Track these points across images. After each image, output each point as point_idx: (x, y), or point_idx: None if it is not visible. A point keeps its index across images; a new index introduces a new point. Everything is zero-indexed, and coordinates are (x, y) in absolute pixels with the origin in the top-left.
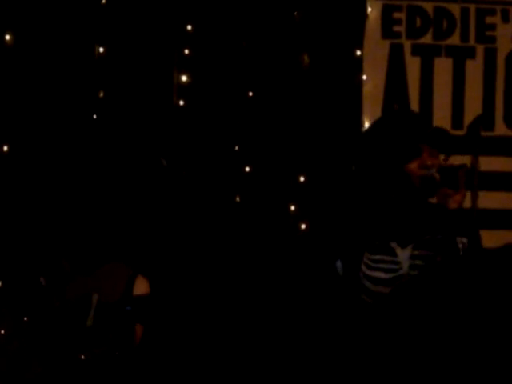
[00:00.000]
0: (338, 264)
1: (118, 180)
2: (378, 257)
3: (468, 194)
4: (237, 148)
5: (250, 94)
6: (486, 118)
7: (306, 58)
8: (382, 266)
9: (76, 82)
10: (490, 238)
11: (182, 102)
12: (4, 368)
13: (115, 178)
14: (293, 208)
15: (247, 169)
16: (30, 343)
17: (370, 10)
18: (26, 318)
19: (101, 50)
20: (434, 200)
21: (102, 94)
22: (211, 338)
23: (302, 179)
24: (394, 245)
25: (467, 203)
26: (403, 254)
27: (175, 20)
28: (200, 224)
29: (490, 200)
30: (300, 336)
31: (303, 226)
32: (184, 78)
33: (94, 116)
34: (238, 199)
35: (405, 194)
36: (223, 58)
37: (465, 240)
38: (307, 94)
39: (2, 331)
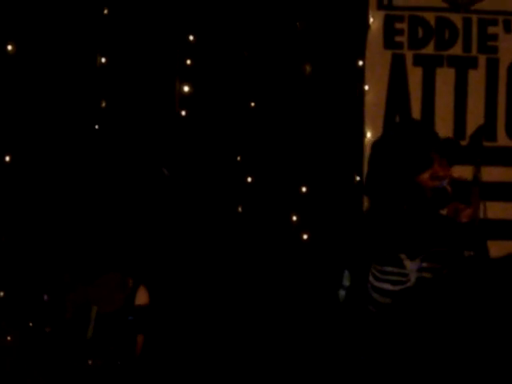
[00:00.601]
0: (346, 274)
1: (119, 190)
2: (386, 268)
3: None
4: (239, 158)
5: (252, 104)
6: (488, 129)
7: (308, 67)
8: (389, 277)
9: (78, 92)
10: (492, 248)
11: (184, 112)
12: (6, 379)
13: (117, 188)
14: (295, 218)
15: (249, 179)
16: (31, 355)
17: (372, 20)
18: (27, 330)
19: (103, 60)
20: (444, 212)
21: (104, 104)
22: (212, 347)
23: (303, 189)
24: (402, 256)
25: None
26: (411, 266)
27: (177, 30)
28: (202, 234)
29: (491, 210)
30: (304, 347)
31: (305, 236)
32: (186, 88)
33: (96, 126)
34: (239, 209)
35: (416, 205)
36: (225, 67)
37: (472, 254)
38: (309, 104)
39: (4, 341)
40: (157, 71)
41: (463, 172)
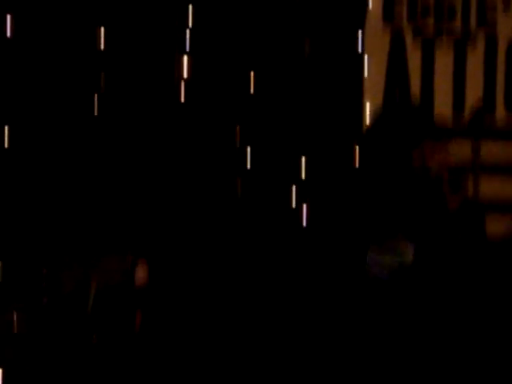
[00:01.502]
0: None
1: (119, 172)
2: (383, 249)
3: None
4: (237, 143)
5: (251, 89)
6: (486, 102)
7: (307, 43)
8: (387, 258)
9: (76, 78)
10: (490, 223)
11: (182, 98)
12: (8, 355)
13: (116, 170)
14: (294, 203)
15: (248, 165)
16: (30, 331)
17: None
18: (26, 306)
19: (102, 46)
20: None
21: (103, 91)
22: (211, 326)
23: (303, 173)
24: (399, 237)
25: (469, 190)
26: (408, 249)
27: (178, 11)
28: (202, 217)
29: (490, 185)
30: (303, 331)
31: (304, 221)
32: (184, 75)
33: (95, 112)
34: (239, 193)
35: (408, 187)
36: (224, 46)
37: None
38: (308, 80)
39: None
40: (156, 57)
41: (463, 148)
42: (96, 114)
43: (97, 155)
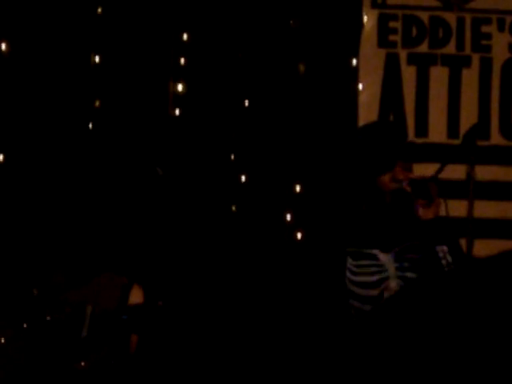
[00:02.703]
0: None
1: (113, 189)
2: (361, 262)
3: (464, 203)
4: (233, 157)
5: (246, 103)
6: (481, 127)
7: (301, 66)
8: (366, 270)
9: (72, 91)
10: (486, 247)
11: (177, 112)
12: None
13: (111, 187)
14: (289, 217)
15: (243, 178)
16: (25, 354)
17: (366, 19)
18: (21, 328)
19: (97, 59)
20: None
21: (97, 104)
22: (207, 346)
23: (297, 188)
24: (375, 251)
25: (463, 212)
26: (386, 258)
27: (171, 29)
28: (196, 233)
29: (485, 209)
30: (297, 346)
31: (299, 235)
32: (180, 87)
33: (90, 125)
34: (233, 208)
35: (375, 206)
36: (219, 67)
37: (445, 248)
38: (303, 103)
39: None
40: (150, 70)
41: (457, 171)
42: (91, 132)
43: (92, 173)
